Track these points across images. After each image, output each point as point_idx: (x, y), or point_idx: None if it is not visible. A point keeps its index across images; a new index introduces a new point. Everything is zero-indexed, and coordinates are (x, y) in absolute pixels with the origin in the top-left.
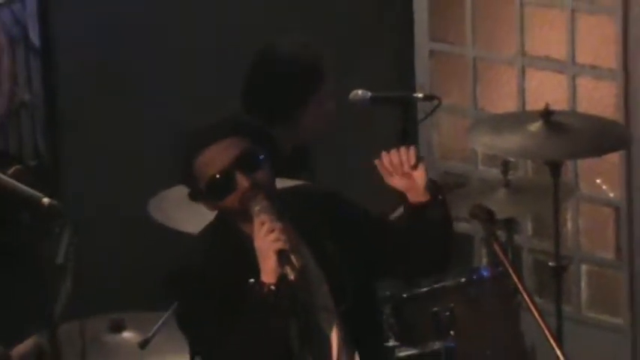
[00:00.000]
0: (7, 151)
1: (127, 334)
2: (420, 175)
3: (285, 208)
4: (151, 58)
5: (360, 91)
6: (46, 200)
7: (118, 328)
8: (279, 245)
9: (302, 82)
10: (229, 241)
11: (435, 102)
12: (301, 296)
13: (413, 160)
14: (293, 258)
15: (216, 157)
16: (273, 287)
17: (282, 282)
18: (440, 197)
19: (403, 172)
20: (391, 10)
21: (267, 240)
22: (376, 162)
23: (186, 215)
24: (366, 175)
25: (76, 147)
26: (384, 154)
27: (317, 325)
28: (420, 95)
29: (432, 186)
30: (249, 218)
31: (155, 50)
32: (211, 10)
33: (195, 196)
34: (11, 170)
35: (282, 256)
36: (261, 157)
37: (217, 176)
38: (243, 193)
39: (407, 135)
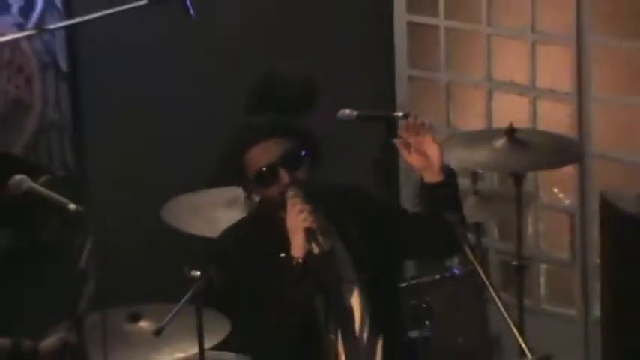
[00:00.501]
0: (38, 163)
1: (143, 323)
2: (435, 156)
3: (319, 200)
4: (166, 82)
5: (347, 110)
6: (72, 206)
7: (136, 317)
8: (307, 224)
9: (299, 101)
10: (267, 225)
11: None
12: (327, 272)
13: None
14: (319, 237)
15: (265, 153)
16: (300, 260)
17: (308, 257)
18: (452, 180)
19: (420, 150)
20: (375, 40)
21: (297, 219)
22: (396, 142)
23: (196, 220)
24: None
25: (99, 160)
26: (404, 125)
27: (341, 297)
28: (400, 114)
29: (447, 170)
30: (285, 207)
31: (169, 75)
32: (221, 36)
33: (242, 182)
34: (42, 180)
35: (309, 234)
36: (303, 155)
37: (264, 170)
38: (284, 186)
39: (389, 148)
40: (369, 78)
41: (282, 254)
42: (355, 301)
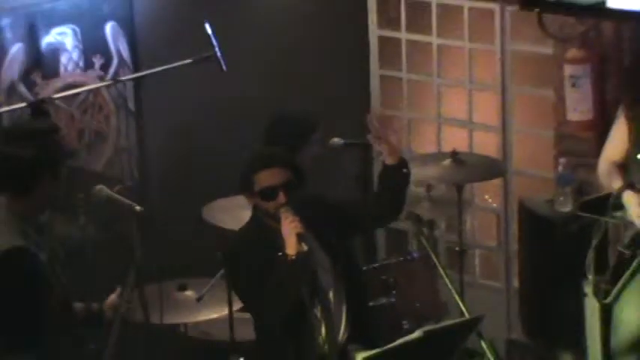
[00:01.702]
0: (113, 176)
1: (188, 292)
2: (397, 141)
3: (300, 212)
4: (205, 116)
5: (336, 139)
6: (137, 208)
7: (183, 288)
8: (298, 230)
9: (300, 134)
10: (261, 231)
11: None
12: (310, 265)
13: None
14: (306, 239)
15: (271, 177)
16: (293, 257)
17: (299, 254)
18: (405, 163)
19: (387, 139)
20: (356, 88)
21: (290, 227)
22: (369, 137)
23: (226, 217)
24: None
25: (156, 174)
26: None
27: (320, 282)
28: None
29: (404, 162)
30: (276, 218)
31: (207, 110)
32: (245, 83)
33: (247, 194)
34: (116, 188)
35: (299, 237)
36: (296, 185)
37: (268, 189)
38: (278, 201)
39: (366, 166)
40: (352, 116)
41: (280, 253)
42: (331, 284)
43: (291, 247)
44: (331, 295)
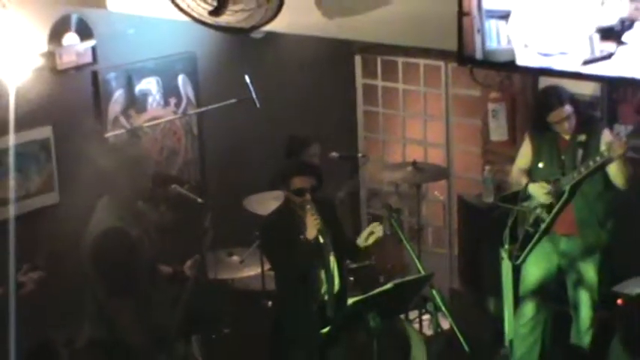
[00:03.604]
0: (183, 179)
1: (234, 257)
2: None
3: (320, 211)
4: (245, 137)
5: (333, 153)
6: (199, 200)
7: (230, 254)
8: (318, 226)
9: (305, 150)
10: (290, 216)
11: (366, 158)
12: (321, 247)
13: None
14: (323, 232)
15: (301, 181)
16: (310, 241)
17: (316, 240)
18: None
19: None
20: (346, 118)
21: (313, 223)
22: None
23: (259, 206)
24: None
25: (212, 177)
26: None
27: (325, 255)
28: (361, 155)
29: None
30: (303, 208)
31: (247, 133)
32: (271, 114)
33: (285, 190)
34: (185, 187)
35: (318, 230)
36: (318, 187)
37: (299, 189)
38: (305, 198)
39: (354, 173)
40: (344, 137)
41: (302, 236)
42: (332, 258)
43: (311, 235)
44: (331, 260)
